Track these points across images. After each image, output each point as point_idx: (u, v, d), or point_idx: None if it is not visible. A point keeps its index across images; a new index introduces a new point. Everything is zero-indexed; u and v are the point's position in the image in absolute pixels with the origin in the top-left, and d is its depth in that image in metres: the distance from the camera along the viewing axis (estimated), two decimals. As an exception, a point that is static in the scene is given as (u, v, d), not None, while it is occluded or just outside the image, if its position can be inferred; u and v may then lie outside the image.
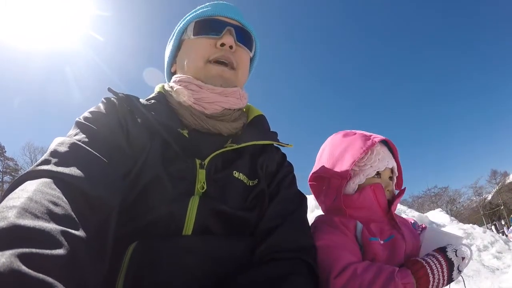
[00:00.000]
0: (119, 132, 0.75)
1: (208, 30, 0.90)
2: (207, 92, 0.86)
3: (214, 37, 0.89)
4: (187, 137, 0.80)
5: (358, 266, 0.81)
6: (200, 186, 0.74)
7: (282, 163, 0.94)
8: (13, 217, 0.41)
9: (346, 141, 1.04)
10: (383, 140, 1.04)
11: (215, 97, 0.87)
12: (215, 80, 0.88)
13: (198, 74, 0.89)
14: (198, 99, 0.86)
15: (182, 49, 0.96)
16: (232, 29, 0.91)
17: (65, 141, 0.65)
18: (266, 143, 0.90)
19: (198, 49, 0.90)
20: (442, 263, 0.80)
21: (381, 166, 1.00)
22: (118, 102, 0.81)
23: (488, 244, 6.14)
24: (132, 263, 0.62)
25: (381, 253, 0.88)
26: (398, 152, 1.07)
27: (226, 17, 0.92)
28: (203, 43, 0.90)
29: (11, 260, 0.34)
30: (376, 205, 0.98)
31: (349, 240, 0.89)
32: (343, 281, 0.79)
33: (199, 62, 0.89)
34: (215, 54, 0.88)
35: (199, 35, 0.91)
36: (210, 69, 0.88)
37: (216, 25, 0.91)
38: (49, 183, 0.53)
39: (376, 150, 1.01)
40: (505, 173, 33.38)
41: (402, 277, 0.77)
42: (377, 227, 0.94)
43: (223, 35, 0.89)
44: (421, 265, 0.80)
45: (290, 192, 0.88)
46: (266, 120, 1.01)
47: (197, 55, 0.89)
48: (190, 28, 0.93)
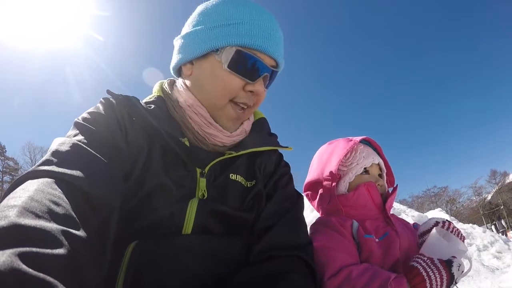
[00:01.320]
0: (118, 133, 0.75)
1: (246, 71, 0.79)
2: (215, 131, 0.84)
3: (247, 80, 0.80)
4: (188, 146, 0.80)
5: (354, 269, 0.82)
6: (201, 194, 0.76)
7: (279, 163, 0.95)
8: (13, 216, 0.41)
9: (331, 147, 1.13)
10: (366, 140, 1.13)
11: (223, 137, 0.85)
12: (229, 124, 0.85)
13: (213, 108, 0.83)
14: (207, 133, 0.84)
15: (207, 63, 0.82)
16: (268, 76, 0.83)
17: (66, 141, 0.66)
18: (265, 149, 0.90)
19: (226, 86, 0.80)
20: (443, 278, 0.78)
21: (367, 163, 1.07)
22: (116, 103, 0.81)
23: (488, 244, 6.15)
24: (132, 262, 0.62)
25: (376, 251, 0.90)
26: (382, 149, 1.15)
27: (269, 56, 0.81)
28: (235, 82, 0.80)
29: (11, 259, 0.34)
30: (371, 203, 1.02)
31: (346, 240, 0.91)
32: (337, 283, 0.80)
33: (222, 100, 0.82)
34: (240, 99, 0.82)
35: (234, 72, 0.79)
36: (227, 111, 0.83)
37: (255, 68, 0.80)
38: (50, 183, 0.54)
39: (359, 149, 1.09)
40: (504, 173, 33.43)
41: (396, 285, 0.77)
42: (373, 224, 0.97)
43: (257, 82, 0.81)
44: (422, 278, 0.77)
45: (287, 191, 0.89)
46: (267, 123, 1.01)
47: (223, 92, 0.81)
48: (229, 53, 0.78)
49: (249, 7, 0.82)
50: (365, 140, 1.13)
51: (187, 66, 0.87)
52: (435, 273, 0.78)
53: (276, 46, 0.82)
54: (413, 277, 0.78)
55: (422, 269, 0.79)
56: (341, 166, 1.08)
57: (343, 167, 1.08)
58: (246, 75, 0.80)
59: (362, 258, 0.90)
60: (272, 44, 0.80)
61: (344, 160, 1.08)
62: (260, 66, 0.80)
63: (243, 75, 0.79)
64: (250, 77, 0.80)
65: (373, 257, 0.89)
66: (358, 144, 1.10)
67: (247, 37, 0.78)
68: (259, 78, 0.81)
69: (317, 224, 1.02)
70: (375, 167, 1.10)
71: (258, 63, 0.79)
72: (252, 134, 0.93)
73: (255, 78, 0.80)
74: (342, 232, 0.92)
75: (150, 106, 0.83)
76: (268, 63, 0.82)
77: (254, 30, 0.79)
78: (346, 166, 1.07)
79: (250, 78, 0.80)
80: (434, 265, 0.79)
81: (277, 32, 0.83)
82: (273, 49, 0.81)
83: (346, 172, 1.07)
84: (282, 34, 0.86)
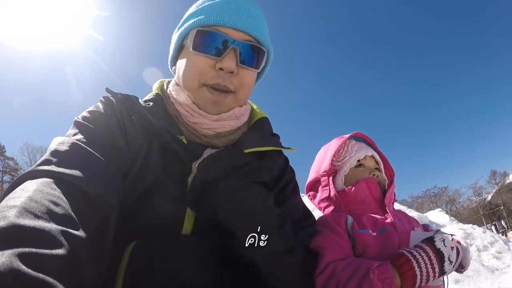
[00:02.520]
0: (117, 132, 0.75)
1: (208, 47, 0.78)
2: (201, 118, 0.82)
3: (213, 57, 0.78)
4: (186, 143, 0.79)
5: (338, 264, 0.82)
6: None
7: (285, 168, 0.93)
8: (13, 216, 0.41)
9: (325, 147, 1.19)
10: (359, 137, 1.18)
11: (210, 123, 0.82)
12: (209, 107, 0.82)
13: (192, 95, 0.82)
14: (194, 123, 0.83)
15: (182, 55, 0.86)
16: (237, 49, 0.78)
17: (65, 141, 0.65)
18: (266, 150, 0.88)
19: (194, 68, 0.80)
20: (430, 255, 0.77)
21: (359, 155, 1.10)
22: (116, 102, 0.81)
23: (488, 244, 6.15)
24: (131, 262, 0.62)
25: (372, 245, 0.90)
26: (375, 143, 1.19)
27: (234, 29, 0.78)
28: (200, 63, 0.79)
29: (11, 259, 0.34)
30: (370, 198, 1.05)
31: (338, 237, 0.91)
32: (324, 279, 0.81)
33: (193, 83, 0.81)
34: (211, 80, 0.79)
35: (197, 51, 0.79)
36: (204, 95, 0.81)
37: (217, 42, 0.78)
38: (50, 183, 0.54)
39: (351, 144, 1.15)
40: (504, 173, 33.41)
41: (380, 272, 0.76)
42: (370, 219, 0.97)
43: (224, 57, 0.78)
44: (406, 259, 0.77)
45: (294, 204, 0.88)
46: (269, 123, 0.99)
47: (193, 75, 0.80)
48: (191, 36, 0.80)
49: None
50: (358, 137, 1.19)
51: (175, 65, 0.91)
52: (419, 252, 0.77)
53: (244, 19, 0.79)
54: (397, 258, 0.78)
55: (406, 251, 0.79)
56: (335, 162, 1.13)
57: (337, 162, 1.13)
58: (211, 52, 0.78)
59: (357, 253, 0.91)
60: (236, 18, 0.78)
61: (337, 155, 1.14)
62: (223, 39, 0.78)
63: (208, 52, 0.78)
64: (215, 53, 0.78)
65: (369, 251, 0.89)
66: (350, 140, 1.16)
67: (205, 16, 0.79)
68: (226, 53, 0.78)
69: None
70: (370, 160, 1.13)
71: (219, 36, 0.78)
72: (254, 133, 0.91)
73: (221, 54, 0.78)
74: (336, 229, 0.93)
75: (148, 104, 0.83)
76: (237, 36, 0.79)
77: (213, 8, 0.80)
78: (340, 161, 1.12)
79: (216, 55, 0.78)
80: (417, 246, 0.80)
81: (246, 6, 0.81)
82: (239, 22, 0.78)
83: (341, 167, 1.11)
84: (258, 10, 0.85)
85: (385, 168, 1.16)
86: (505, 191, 31.83)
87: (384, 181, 1.12)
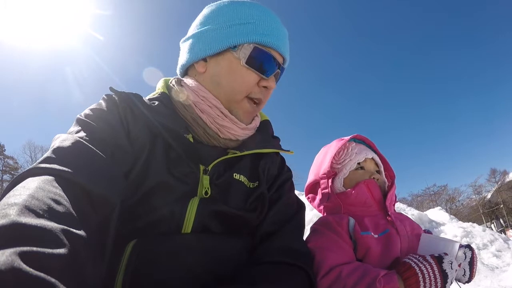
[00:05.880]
0: (120, 130, 0.75)
1: (262, 67, 0.84)
2: (230, 123, 0.85)
3: (261, 75, 0.85)
4: (192, 142, 0.80)
5: (344, 268, 0.82)
6: (204, 191, 0.75)
7: (282, 167, 0.96)
8: (14, 214, 0.41)
9: (325, 149, 1.19)
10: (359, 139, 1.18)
11: (238, 130, 0.87)
12: (244, 117, 0.88)
13: (229, 103, 0.85)
14: (221, 125, 0.84)
15: (224, 60, 0.85)
16: (279, 72, 0.89)
17: (67, 138, 0.65)
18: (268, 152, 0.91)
19: (245, 81, 0.84)
20: (436, 273, 0.77)
21: (360, 158, 1.10)
22: (119, 100, 0.80)
23: (488, 242, 6.15)
24: (131, 260, 0.62)
25: (374, 247, 0.90)
26: (375, 145, 1.18)
27: (280, 53, 0.87)
28: (251, 78, 0.84)
29: (11, 258, 0.34)
30: (371, 200, 1.04)
31: (340, 239, 0.91)
32: (328, 283, 0.81)
33: (239, 95, 0.85)
34: (255, 95, 0.86)
35: (252, 67, 0.83)
36: (244, 106, 0.86)
37: (270, 64, 0.85)
38: (51, 181, 0.53)
39: (351, 146, 1.14)
40: (504, 172, 33.36)
41: (386, 282, 0.77)
42: (372, 221, 0.97)
43: (270, 78, 0.86)
44: (414, 272, 0.77)
45: (290, 198, 0.90)
46: (270, 125, 1.03)
47: (241, 87, 0.84)
48: (247, 50, 0.82)
49: (259, 8, 0.88)
50: (358, 139, 1.18)
51: (200, 63, 0.88)
52: (427, 268, 0.78)
53: (285, 44, 0.88)
54: (405, 270, 0.78)
55: (414, 264, 0.79)
56: (335, 164, 1.12)
57: (337, 164, 1.12)
58: (262, 71, 0.84)
59: (359, 255, 0.91)
60: (282, 42, 0.86)
61: (337, 158, 1.13)
62: (274, 63, 0.85)
63: (259, 71, 0.84)
64: (265, 73, 0.85)
65: (371, 254, 0.89)
66: (350, 142, 1.15)
67: (263, 35, 0.83)
68: (272, 74, 0.86)
69: (315, 224, 1.03)
70: (370, 162, 1.12)
71: (272, 59, 0.85)
72: (256, 135, 0.94)
73: (269, 74, 0.85)
74: (338, 231, 0.93)
75: (154, 102, 0.83)
76: (280, 60, 0.87)
77: (268, 29, 0.84)
78: (340, 163, 1.11)
79: (265, 74, 0.85)
80: (426, 260, 0.79)
81: (284, 30, 0.89)
82: (284, 47, 0.87)
83: (341, 169, 1.10)
84: (287, 31, 0.91)
85: (385, 170, 1.16)
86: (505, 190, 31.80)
87: (385, 183, 1.12)
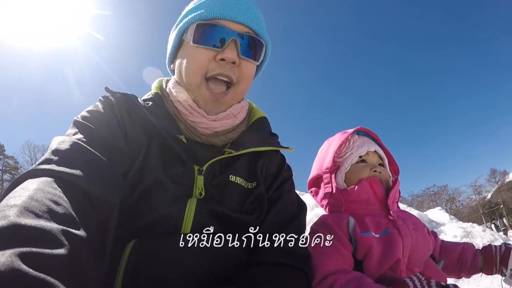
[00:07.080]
0: (117, 131, 0.75)
1: (208, 39, 0.79)
2: (200, 117, 0.83)
3: (215, 49, 0.80)
4: (185, 142, 0.80)
5: (339, 278, 0.79)
6: (198, 192, 0.75)
7: (282, 166, 0.94)
8: (13, 216, 0.41)
9: (328, 142, 1.16)
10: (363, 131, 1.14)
11: (209, 122, 0.84)
12: (207, 106, 0.83)
13: (193, 91, 0.83)
14: (193, 121, 0.84)
15: (181, 51, 0.87)
16: (237, 40, 0.80)
17: (66, 140, 0.65)
18: (266, 150, 0.89)
19: (196, 61, 0.81)
20: None
21: (361, 151, 1.07)
22: (115, 101, 0.81)
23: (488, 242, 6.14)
24: (130, 260, 0.62)
25: (375, 247, 0.88)
26: (379, 138, 1.15)
27: (233, 21, 0.80)
28: (202, 55, 0.80)
29: (11, 259, 0.34)
30: (373, 198, 1.02)
31: (339, 243, 0.89)
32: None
33: (195, 77, 0.81)
34: (213, 70, 0.80)
35: (199, 44, 0.80)
36: (203, 92, 0.82)
37: (218, 34, 0.79)
38: (50, 182, 0.54)
39: (353, 139, 1.11)
40: (504, 172, 33.36)
41: None
42: (373, 220, 0.95)
43: (226, 48, 0.79)
44: None
45: (290, 198, 0.88)
46: (267, 122, 1.00)
47: (194, 68, 0.81)
48: (191, 30, 0.81)
49: None
50: (362, 131, 1.15)
51: (173, 63, 0.92)
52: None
53: (243, 12, 0.81)
54: None
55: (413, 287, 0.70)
56: (337, 158, 1.10)
57: (338, 158, 1.10)
58: (211, 44, 0.80)
59: (359, 256, 0.89)
60: (235, 10, 0.80)
61: (339, 151, 1.10)
62: (224, 31, 0.80)
63: (209, 44, 0.80)
64: (217, 44, 0.80)
65: (372, 254, 0.88)
66: (353, 135, 1.12)
67: (205, 10, 0.81)
68: (228, 42, 0.79)
69: (316, 225, 1.01)
70: (373, 155, 1.09)
71: (220, 29, 0.80)
72: (253, 133, 0.92)
73: (223, 43, 0.79)
74: (337, 233, 0.91)
75: (148, 103, 0.83)
76: (236, 28, 0.81)
77: (212, 3, 0.82)
78: (342, 157, 1.09)
79: (217, 45, 0.80)
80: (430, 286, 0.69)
81: (243, 1, 0.84)
82: (239, 15, 0.81)
83: (342, 163, 1.08)
84: (255, 6, 0.87)
85: (389, 164, 1.14)
86: (505, 190, 31.80)
87: (389, 177, 1.09)
